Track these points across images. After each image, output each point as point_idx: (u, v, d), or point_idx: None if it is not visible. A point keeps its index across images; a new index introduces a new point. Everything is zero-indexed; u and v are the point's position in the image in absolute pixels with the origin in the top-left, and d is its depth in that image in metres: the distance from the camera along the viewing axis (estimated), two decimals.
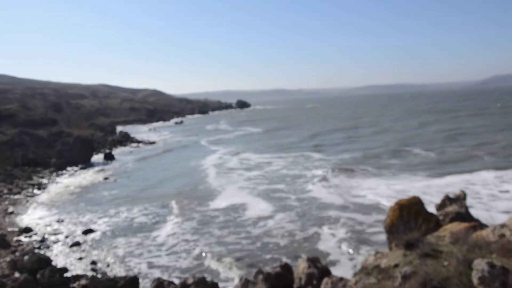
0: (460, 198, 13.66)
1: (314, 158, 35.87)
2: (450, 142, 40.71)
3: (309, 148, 42.04)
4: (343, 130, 61.39)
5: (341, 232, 16.61)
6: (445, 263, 5.95)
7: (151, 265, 14.63)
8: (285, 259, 13.33)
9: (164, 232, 18.19)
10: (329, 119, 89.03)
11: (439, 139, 43.59)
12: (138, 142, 57.17)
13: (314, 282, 8.99)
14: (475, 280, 5.18)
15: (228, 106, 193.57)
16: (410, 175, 26.48)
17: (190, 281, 10.72)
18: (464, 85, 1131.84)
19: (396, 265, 6.42)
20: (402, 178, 25.92)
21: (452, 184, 22.95)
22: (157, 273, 13.83)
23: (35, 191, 27.86)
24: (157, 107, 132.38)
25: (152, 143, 55.78)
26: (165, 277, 13.15)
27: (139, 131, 79.55)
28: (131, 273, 13.63)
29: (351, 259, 14.09)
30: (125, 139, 58.54)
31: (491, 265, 5.18)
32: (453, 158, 31.87)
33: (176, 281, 11.87)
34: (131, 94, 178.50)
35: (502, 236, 6.40)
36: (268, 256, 14.79)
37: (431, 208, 10.70)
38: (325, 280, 7.91)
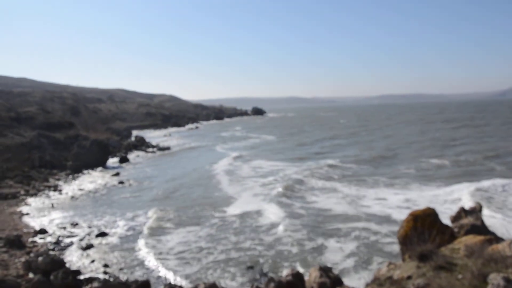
0: (476, 211, 13.41)
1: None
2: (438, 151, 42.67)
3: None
4: (342, 137, 64.36)
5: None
6: (460, 276, 5.85)
7: (163, 270, 14.67)
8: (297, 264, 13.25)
9: (178, 237, 18.24)
10: (336, 127, 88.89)
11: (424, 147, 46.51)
12: (154, 147, 57.62)
13: None
14: None
15: (243, 113, 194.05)
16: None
17: (201, 286, 10.73)
18: (481, 96, 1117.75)
19: (409, 277, 6.33)
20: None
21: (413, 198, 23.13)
22: (168, 278, 13.87)
23: (51, 193, 28.25)
24: (173, 113, 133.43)
25: (167, 148, 56.15)
26: (176, 282, 13.18)
27: (154, 136, 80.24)
28: (143, 278, 13.69)
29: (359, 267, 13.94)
30: (141, 144, 59.09)
31: (507, 280, 5.09)
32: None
33: (187, 287, 11.88)
34: (147, 99, 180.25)
35: None
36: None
37: (446, 220, 10.54)
38: None
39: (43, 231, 19.20)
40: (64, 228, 20.06)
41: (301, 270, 12.17)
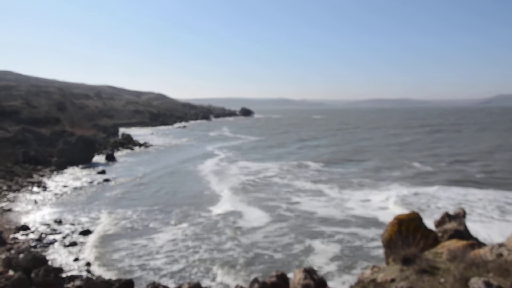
0: (460, 216, 13.58)
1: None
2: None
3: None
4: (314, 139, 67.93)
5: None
6: (442, 280, 5.91)
7: (146, 269, 14.56)
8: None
9: (164, 236, 18.13)
10: (317, 129, 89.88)
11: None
12: (141, 145, 57.27)
13: None
14: None
15: (231, 113, 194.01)
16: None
17: (185, 286, 10.67)
18: (468, 103, 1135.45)
19: (392, 280, 6.38)
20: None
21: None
22: (152, 277, 13.77)
23: (35, 189, 27.88)
24: (161, 111, 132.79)
25: (155, 146, 55.91)
26: (160, 281, 13.09)
27: (142, 134, 79.74)
28: (126, 276, 13.57)
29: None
30: (128, 142, 58.66)
31: (488, 284, 5.15)
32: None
33: (171, 286, 11.81)
34: (135, 97, 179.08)
35: (500, 255, 6.35)
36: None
37: (430, 224, 10.65)
38: None
39: (25, 228, 18.93)
40: (47, 225, 19.80)
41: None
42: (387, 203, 23.07)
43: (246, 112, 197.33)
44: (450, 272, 5.98)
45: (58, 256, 15.91)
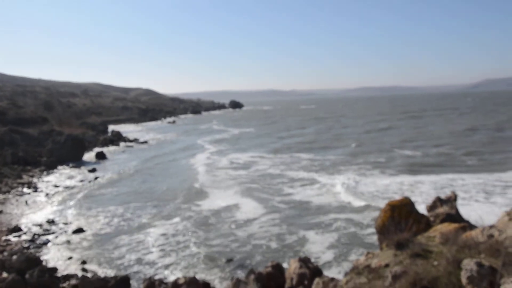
0: (451, 200, 13.72)
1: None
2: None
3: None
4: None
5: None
6: (435, 263, 5.99)
7: (142, 265, 14.56)
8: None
9: (157, 231, 18.11)
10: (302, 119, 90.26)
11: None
12: (131, 141, 56.95)
13: (306, 282, 9.00)
14: (464, 280, 5.22)
15: (221, 106, 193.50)
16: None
17: (181, 281, 10.69)
18: (456, 88, 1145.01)
19: (386, 265, 6.44)
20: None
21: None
22: (148, 273, 13.77)
23: (25, 190, 27.60)
24: (150, 107, 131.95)
25: (145, 142, 55.57)
26: (156, 276, 13.10)
27: (131, 130, 79.27)
28: (122, 273, 13.55)
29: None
30: (117, 138, 58.28)
31: (480, 265, 5.23)
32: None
33: (168, 281, 11.82)
34: (123, 93, 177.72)
35: (491, 236, 6.45)
36: None
37: (422, 209, 10.77)
38: (316, 280, 7.93)
39: (17, 229, 18.77)
40: (40, 225, 19.65)
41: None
42: (335, 186, 24.97)
43: (236, 105, 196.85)
44: (443, 255, 6.06)
45: (52, 256, 15.82)
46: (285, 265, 11.21)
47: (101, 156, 42.00)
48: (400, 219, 9.10)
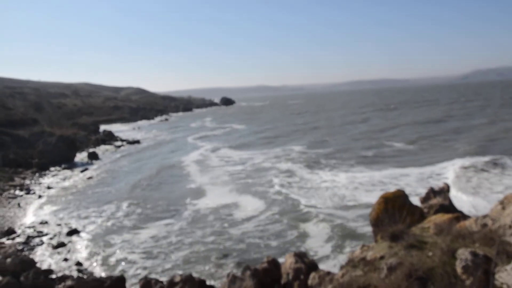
0: (444, 191, 13.82)
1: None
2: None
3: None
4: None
5: None
6: (430, 253, 6.04)
7: (137, 264, 14.53)
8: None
9: (151, 231, 18.07)
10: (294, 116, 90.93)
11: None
12: (123, 140, 56.63)
13: (302, 277, 9.02)
14: (459, 269, 5.27)
15: (212, 104, 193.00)
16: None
17: (177, 279, 10.67)
18: (447, 80, 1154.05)
19: (382, 257, 6.48)
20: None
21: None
22: (144, 272, 13.75)
23: (17, 192, 27.37)
24: (141, 105, 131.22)
25: (137, 141, 55.28)
26: (151, 275, 13.08)
27: (123, 129, 78.86)
28: (117, 273, 13.51)
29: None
30: (109, 138, 57.94)
31: (474, 254, 5.28)
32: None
33: (164, 279, 11.79)
34: (114, 93, 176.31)
35: (485, 225, 6.51)
36: None
37: (417, 201, 10.83)
38: (312, 274, 7.95)
39: (10, 232, 18.61)
40: (33, 227, 19.51)
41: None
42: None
43: (227, 102, 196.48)
44: (437, 245, 6.11)
45: (47, 258, 15.73)
46: (281, 260, 11.21)
47: (93, 156, 41.74)
48: (394, 211, 9.14)
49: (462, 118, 58.49)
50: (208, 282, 11.54)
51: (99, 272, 14.08)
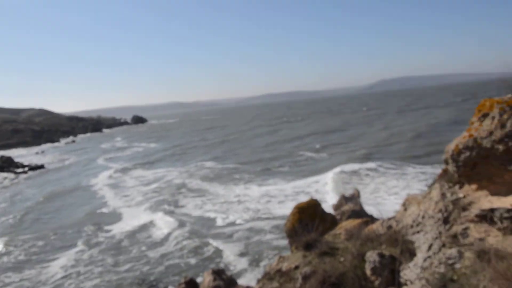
0: (355, 197, 14.52)
1: None
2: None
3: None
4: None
5: None
6: (342, 259, 6.21)
7: None
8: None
9: (59, 263, 16.75)
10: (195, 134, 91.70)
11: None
12: (24, 166, 52.32)
13: None
14: (368, 271, 5.47)
15: (123, 123, 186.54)
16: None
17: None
18: (355, 90, 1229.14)
19: (296, 267, 6.55)
20: None
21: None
22: None
23: None
24: (45, 127, 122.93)
25: (41, 166, 51.36)
26: None
27: (25, 154, 73.17)
28: None
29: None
30: (8, 165, 53.16)
31: (381, 256, 5.52)
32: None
33: None
34: (13, 115, 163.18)
35: (390, 227, 6.86)
36: None
37: (330, 208, 11.22)
38: None
39: None
40: None
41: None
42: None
43: (139, 120, 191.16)
44: (348, 250, 6.31)
45: None
46: (199, 279, 10.94)
47: None
48: (307, 220, 9.35)
49: (360, 125, 63.70)
50: None
51: None
